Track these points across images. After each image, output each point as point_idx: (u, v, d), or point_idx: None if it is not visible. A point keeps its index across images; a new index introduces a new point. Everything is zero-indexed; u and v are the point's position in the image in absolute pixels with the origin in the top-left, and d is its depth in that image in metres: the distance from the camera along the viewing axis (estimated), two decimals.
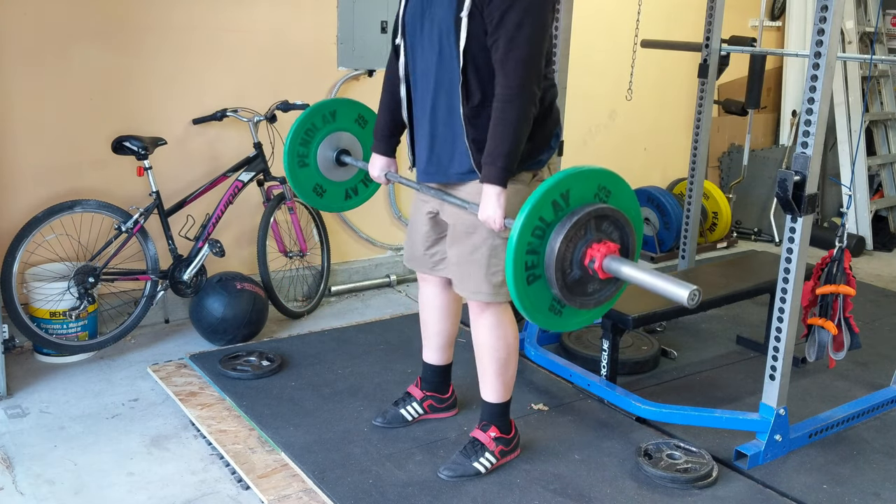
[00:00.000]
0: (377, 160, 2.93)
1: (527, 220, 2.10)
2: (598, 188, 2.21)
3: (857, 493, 2.84)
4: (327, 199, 3.24)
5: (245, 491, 2.78)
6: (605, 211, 2.17)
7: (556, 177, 2.13)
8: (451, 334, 3.07)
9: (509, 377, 2.86)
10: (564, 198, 2.13)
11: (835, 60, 2.70)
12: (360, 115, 3.17)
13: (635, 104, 5.24)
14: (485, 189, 2.47)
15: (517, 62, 2.42)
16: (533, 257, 2.14)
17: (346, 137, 3.17)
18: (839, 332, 3.21)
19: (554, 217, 2.14)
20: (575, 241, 2.14)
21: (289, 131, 3.05)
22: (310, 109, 3.06)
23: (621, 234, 2.23)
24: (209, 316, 3.82)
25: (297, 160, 3.10)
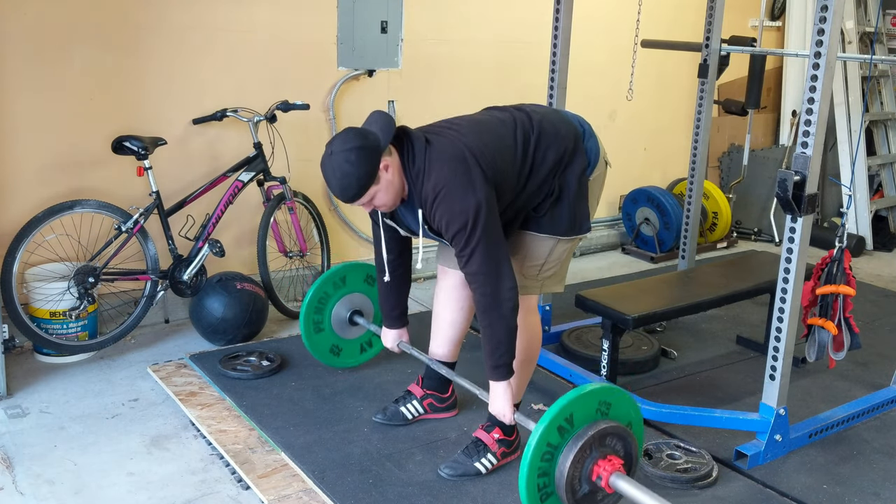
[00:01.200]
0: (389, 333, 3.13)
1: (536, 447, 2.24)
2: (599, 405, 2.35)
3: (857, 493, 2.84)
4: (344, 356, 3.48)
5: (245, 491, 2.78)
6: (607, 430, 2.32)
7: (560, 403, 2.27)
8: (463, 329, 3.08)
9: (523, 381, 2.89)
10: (569, 421, 2.28)
11: (835, 60, 2.70)
12: (368, 275, 3.36)
13: (635, 104, 5.23)
14: (491, 386, 2.65)
15: (477, 275, 2.55)
16: (544, 479, 2.28)
17: (356, 298, 3.38)
18: (839, 332, 3.21)
19: (560, 440, 2.28)
20: (582, 461, 2.29)
21: (302, 301, 3.23)
22: (322, 278, 3.26)
23: (624, 444, 2.37)
24: (209, 316, 3.82)
25: (313, 327, 3.31)
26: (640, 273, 5.28)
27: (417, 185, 2.57)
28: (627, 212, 5.77)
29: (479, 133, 2.63)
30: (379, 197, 2.58)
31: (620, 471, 2.31)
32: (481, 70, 5.06)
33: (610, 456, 2.33)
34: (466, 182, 2.51)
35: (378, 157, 2.52)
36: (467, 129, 2.64)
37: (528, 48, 5.09)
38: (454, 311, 3.04)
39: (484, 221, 2.50)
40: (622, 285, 3.93)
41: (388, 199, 2.60)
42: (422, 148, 2.57)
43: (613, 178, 5.73)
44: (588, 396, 2.31)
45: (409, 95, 4.79)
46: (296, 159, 4.35)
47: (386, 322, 3.11)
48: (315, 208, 4.38)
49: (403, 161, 2.59)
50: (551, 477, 2.29)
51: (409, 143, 2.59)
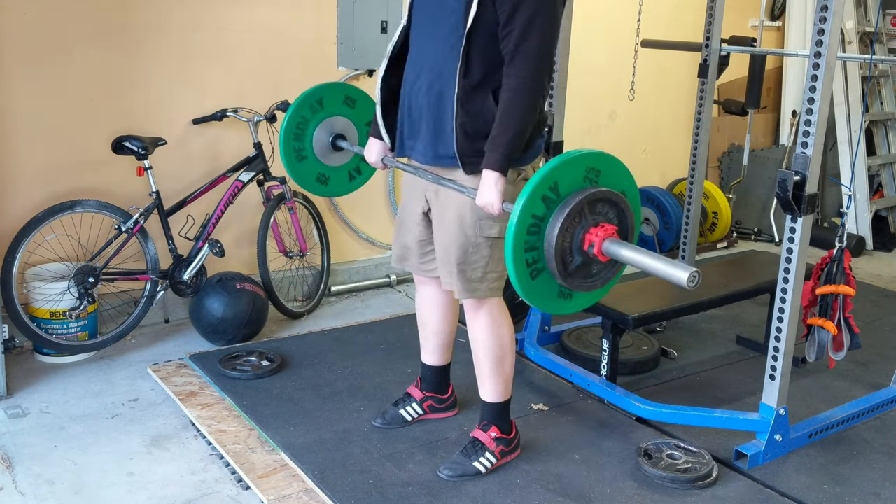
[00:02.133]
0: (374, 145, 2.89)
1: (520, 220, 2.10)
2: (587, 171, 2.19)
3: (857, 493, 2.84)
4: (332, 185, 3.23)
5: (245, 491, 2.78)
6: (596, 195, 2.15)
7: (542, 171, 2.12)
8: (450, 335, 3.07)
9: (506, 376, 2.85)
10: (554, 190, 2.12)
11: (835, 60, 2.70)
12: (347, 96, 3.13)
13: (635, 104, 5.23)
14: (484, 174, 2.48)
15: (528, 54, 2.43)
16: (533, 253, 2.14)
17: (338, 121, 3.14)
18: (839, 332, 3.21)
19: (546, 210, 2.13)
20: (571, 230, 2.13)
21: (280, 128, 3.02)
22: (296, 102, 3.02)
23: (618, 213, 2.21)
24: (209, 316, 3.82)
25: (295, 155, 3.08)
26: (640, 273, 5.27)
27: None
28: None
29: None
30: None
31: (615, 237, 2.15)
32: None
33: (602, 223, 2.17)
34: None
35: None
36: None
37: None
38: (438, 320, 3.02)
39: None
40: (622, 285, 3.91)
41: None
42: None
43: None
44: (574, 162, 2.14)
45: None
46: None
47: (372, 131, 2.87)
48: (315, 208, 4.38)
49: None
50: (540, 251, 2.13)
51: None
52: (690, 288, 2.08)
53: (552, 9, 2.46)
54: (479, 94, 2.54)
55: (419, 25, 2.68)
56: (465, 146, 2.57)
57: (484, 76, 2.54)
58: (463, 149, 2.57)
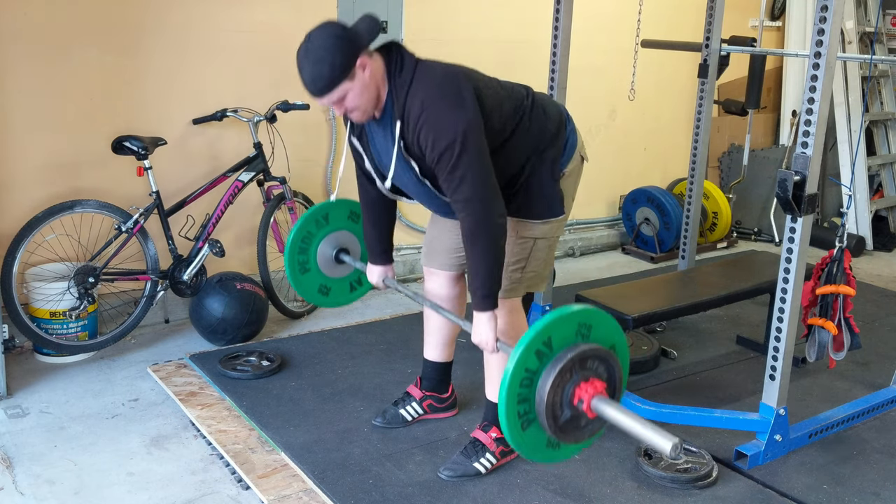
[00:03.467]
0: (374, 269, 2.98)
1: (513, 374, 2.16)
2: (579, 327, 2.25)
3: (857, 493, 2.84)
4: (333, 296, 3.33)
5: (245, 491, 2.78)
6: (587, 352, 2.22)
7: (536, 326, 2.18)
8: (453, 331, 3.07)
9: None
10: (547, 345, 2.19)
11: (835, 60, 2.70)
12: (351, 211, 3.24)
13: (635, 104, 5.24)
14: (475, 315, 2.52)
15: (469, 201, 2.43)
16: (524, 405, 2.20)
17: (341, 235, 3.25)
18: (839, 332, 3.21)
19: (539, 364, 2.20)
20: (562, 385, 2.20)
21: (286, 242, 3.11)
22: (303, 218, 3.12)
23: (606, 367, 2.28)
24: (209, 316, 3.82)
25: (299, 268, 3.18)
26: (640, 273, 5.28)
27: (401, 96, 2.45)
28: (627, 212, 5.77)
29: (475, 73, 2.59)
30: (351, 97, 2.41)
31: (603, 394, 2.20)
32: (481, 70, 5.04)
33: (592, 379, 2.21)
34: (458, 98, 2.41)
35: (356, 51, 2.40)
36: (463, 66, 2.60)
37: (528, 48, 5.09)
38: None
39: (475, 140, 2.39)
40: (622, 285, 3.93)
41: (360, 102, 2.43)
42: (412, 62, 2.48)
43: (613, 178, 5.85)
44: (567, 319, 2.19)
45: None
46: (296, 159, 4.35)
47: (371, 258, 2.98)
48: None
49: (390, 68, 2.48)
50: (532, 403, 2.18)
51: (400, 55, 2.50)
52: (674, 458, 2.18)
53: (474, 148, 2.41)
54: None
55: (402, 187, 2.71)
56: None
57: None
58: None
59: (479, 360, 2.98)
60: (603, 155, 5.54)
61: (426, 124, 2.39)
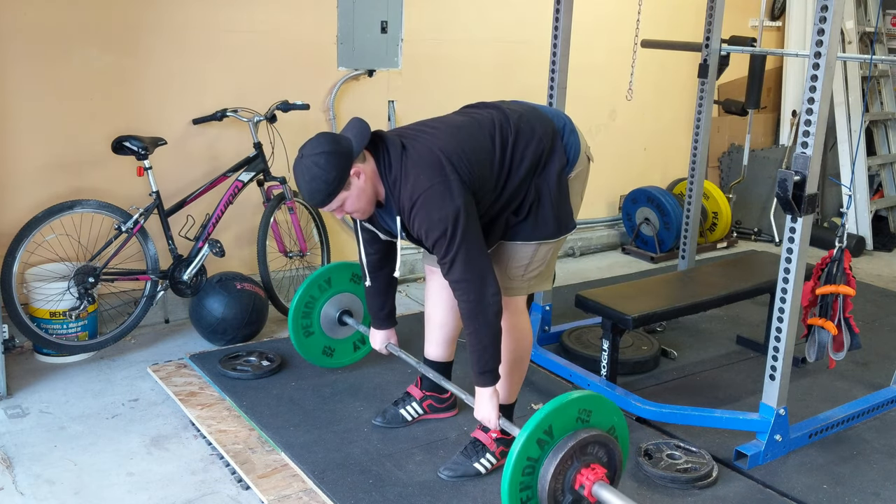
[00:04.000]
0: (378, 334, 3.09)
1: (516, 463, 2.21)
2: (579, 413, 2.32)
3: (857, 493, 2.84)
4: (337, 356, 3.45)
5: (245, 491, 2.78)
6: (587, 440, 2.29)
7: (537, 416, 2.24)
8: (455, 329, 3.08)
9: (517, 380, 2.88)
10: (548, 433, 2.26)
11: (835, 60, 2.70)
12: (353, 274, 3.33)
13: (635, 104, 5.23)
14: (477, 392, 2.62)
15: (460, 282, 2.53)
16: (527, 492, 2.26)
17: (344, 298, 3.35)
18: (839, 332, 3.21)
19: (541, 452, 2.26)
20: (563, 472, 2.27)
21: (290, 307, 3.18)
22: (306, 283, 3.20)
23: (606, 451, 2.35)
24: (209, 316, 3.82)
25: (303, 332, 3.28)
26: (640, 273, 5.28)
27: (395, 191, 2.54)
28: (627, 212, 5.77)
29: (456, 137, 2.59)
30: (349, 203, 2.54)
31: (604, 480, 2.29)
32: (481, 70, 5.06)
33: (593, 465, 2.30)
34: (444, 190, 2.48)
35: (349, 163, 2.48)
36: (444, 132, 2.60)
37: (528, 48, 5.09)
38: (444, 312, 3.04)
39: (464, 228, 2.48)
40: (622, 285, 3.93)
41: (359, 205, 2.57)
42: (398, 154, 2.54)
43: (613, 178, 5.84)
44: (567, 406, 2.28)
45: (409, 95, 4.79)
46: None
47: (374, 323, 3.09)
48: (315, 208, 4.37)
49: (380, 167, 2.55)
50: (534, 490, 2.27)
51: (385, 149, 2.56)
52: None
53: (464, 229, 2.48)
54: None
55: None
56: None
57: None
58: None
59: None
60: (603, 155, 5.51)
61: (418, 217, 2.52)
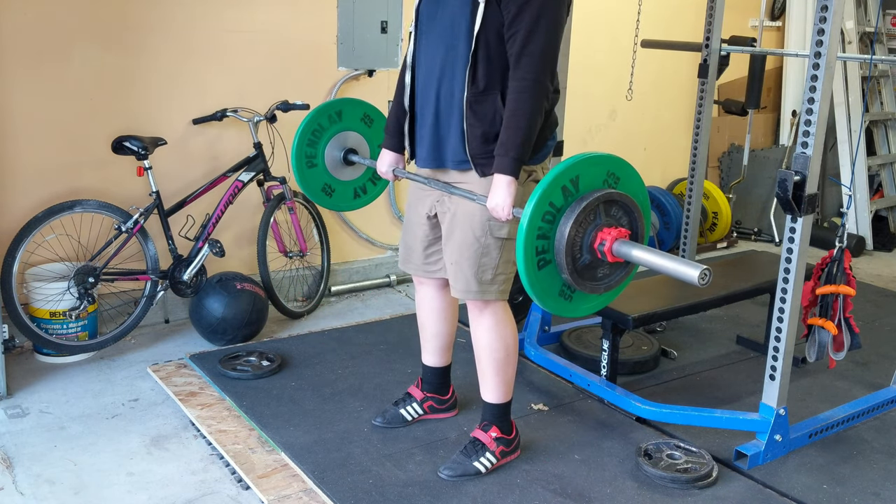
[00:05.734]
0: (386, 155, 2.91)
1: (538, 204, 2.11)
2: (608, 174, 2.23)
3: (857, 493, 2.84)
4: (336, 198, 3.26)
5: (245, 491, 2.78)
6: (614, 196, 2.19)
7: (566, 162, 2.15)
8: (450, 336, 3.07)
9: (509, 377, 2.86)
10: (574, 183, 2.15)
11: (835, 60, 2.70)
12: (365, 113, 3.19)
13: (635, 104, 5.24)
14: (495, 178, 2.50)
15: (533, 56, 2.46)
16: (543, 242, 2.16)
17: (352, 136, 3.19)
18: (839, 332, 3.21)
19: (564, 202, 2.16)
20: (585, 225, 2.16)
21: (296, 132, 3.05)
22: (316, 110, 3.06)
23: (630, 220, 2.25)
24: (209, 316, 3.82)
25: (305, 161, 3.11)
26: (639, 273, 5.27)
27: None
28: None
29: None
30: None
31: (626, 238, 2.19)
32: None
33: (615, 226, 2.21)
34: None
35: None
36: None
37: None
38: (437, 322, 3.03)
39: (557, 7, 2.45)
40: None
41: None
42: None
43: None
44: (597, 161, 2.19)
45: None
46: None
47: (385, 141, 2.90)
48: (315, 208, 4.38)
49: None
50: (551, 241, 2.17)
51: None
52: (702, 285, 2.10)
53: (556, 10, 2.48)
54: (489, 97, 2.55)
55: (426, 32, 2.68)
56: (477, 149, 2.58)
57: (492, 79, 2.55)
58: (475, 152, 2.58)
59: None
60: None
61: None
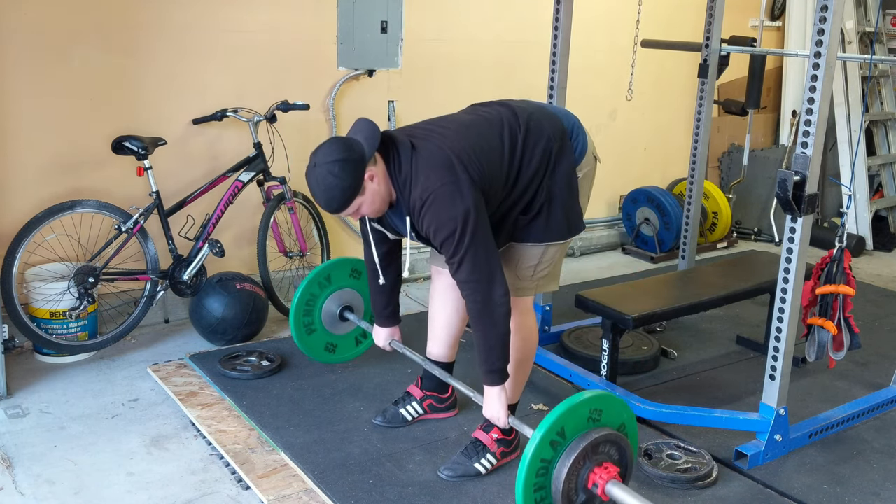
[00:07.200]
0: (381, 331, 3.11)
1: (529, 465, 2.24)
2: (590, 413, 2.34)
3: (857, 493, 2.84)
4: (340, 352, 3.45)
5: (245, 491, 2.78)
6: (599, 439, 2.31)
7: (549, 418, 2.26)
8: (459, 330, 3.08)
9: (521, 379, 2.89)
10: (561, 434, 2.28)
11: (835, 60, 2.70)
12: (353, 269, 3.33)
13: (635, 104, 5.24)
14: (486, 391, 2.63)
15: (466, 283, 2.54)
16: (541, 492, 2.29)
17: (345, 293, 3.35)
18: (839, 332, 3.21)
19: (554, 454, 2.28)
20: (576, 472, 2.29)
21: (291, 305, 3.20)
22: (305, 282, 3.21)
23: (618, 449, 2.37)
24: (209, 316, 3.82)
25: (304, 329, 3.28)
26: (640, 273, 5.28)
27: (405, 192, 2.54)
28: (627, 212, 5.77)
29: (465, 136, 2.59)
30: (365, 207, 2.56)
31: (616, 478, 2.31)
32: (481, 70, 5.06)
33: (605, 463, 2.32)
34: (454, 189, 2.48)
35: (363, 168, 2.48)
36: (453, 131, 2.61)
37: (528, 48, 5.09)
38: (449, 313, 3.04)
39: (473, 228, 2.48)
40: (622, 285, 3.92)
41: (374, 207, 2.58)
42: (408, 155, 2.54)
43: (613, 178, 5.84)
44: (578, 407, 2.30)
45: (409, 95, 4.79)
46: (296, 159, 4.34)
47: (378, 321, 3.10)
48: (315, 208, 4.37)
49: (390, 169, 2.56)
50: (548, 490, 2.29)
51: (395, 150, 2.56)
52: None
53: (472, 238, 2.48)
54: None
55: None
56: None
57: None
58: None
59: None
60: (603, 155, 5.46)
61: (427, 216, 2.53)
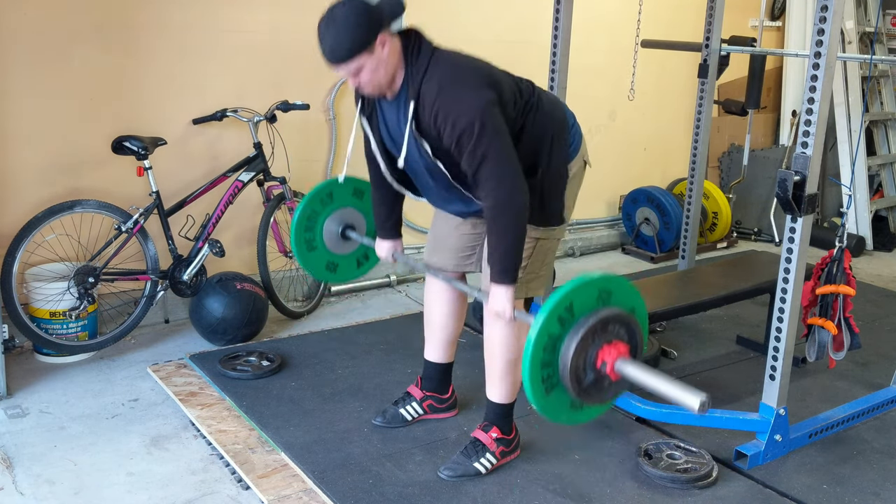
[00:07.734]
0: (383, 243, 3.03)
1: (537, 339, 2.19)
2: (599, 293, 2.30)
3: (857, 493, 2.84)
4: (340, 272, 3.36)
5: (245, 491, 2.78)
6: (608, 316, 2.27)
7: (559, 293, 2.21)
8: (455, 332, 3.07)
9: (517, 379, 2.86)
10: (569, 310, 2.23)
11: (835, 60, 2.70)
12: (355, 188, 3.26)
13: (635, 104, 5.24)
14: (493, 287, 2.55)
15: (487, 181, 2.46)
16: (548, 370, 2.24)
17: (347, 212, 3.28)
18: (839, 332, 3.21)
19: (561, 330, 2.24)
20: (585, 348, 2.25)
21: (292, 220, 3.14)
22: (307, 197, 3.15)
23: (628, 330, 2.32)
24: (209, 316, 3.82)
25: (305, 245, 3.21)
26: (640, 273, 5.28)
27: (416, 79, 2.48)
28: (627, 212, 5.77)
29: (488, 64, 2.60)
30: (366, 71, 2.45)
31: (626, 356, 2.26)
32: None
33: (614, 341, 2.27)
34: (476, 80, 2.45)
35: (378, 24, 2.43)
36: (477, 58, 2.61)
37: (528, 48, 5.08)
38: (444, 315, 3.03)
39: (494, 119, 2.41)
40: None
41: (374, 77, 2.47)
42: (429, 49, 2.52)
43: (613, 178, 5.85)
44: (587, 286, 2.25)
45: None
46: (296, 159, 4.35)
47: (380, 233, 3.02)
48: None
49: (407, 53, 2.51)
50: (555, 367, 2.24)
51: (418, 41, 2.53)
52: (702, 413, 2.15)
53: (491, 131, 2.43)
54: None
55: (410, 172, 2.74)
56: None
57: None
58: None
59: (479, 360, 2.98)
60: (603, 155, 5.53)
61: (444, 106, 2.42)
